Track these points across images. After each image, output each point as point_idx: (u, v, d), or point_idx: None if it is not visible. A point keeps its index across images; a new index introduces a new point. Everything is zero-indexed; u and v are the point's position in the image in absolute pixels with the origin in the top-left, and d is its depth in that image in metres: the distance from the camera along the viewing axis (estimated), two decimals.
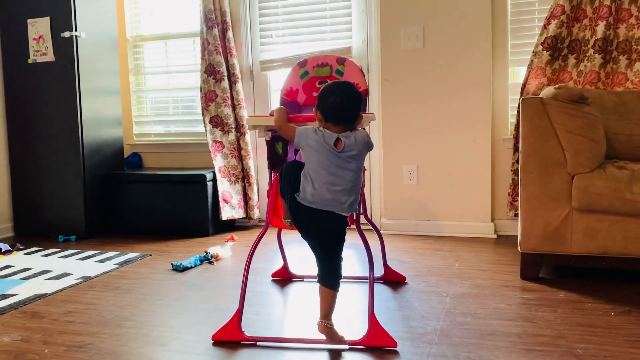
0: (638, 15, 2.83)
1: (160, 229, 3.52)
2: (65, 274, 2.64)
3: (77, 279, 2.56)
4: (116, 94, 3.73)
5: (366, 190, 3.29)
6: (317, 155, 1.69)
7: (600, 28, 2.84)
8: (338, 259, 1.79)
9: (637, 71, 2.83)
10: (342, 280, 1.78)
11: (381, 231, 3.25)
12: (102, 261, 2.87)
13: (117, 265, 2.77)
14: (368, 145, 1.74)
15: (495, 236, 3.18)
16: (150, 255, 2.98)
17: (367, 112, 2.15)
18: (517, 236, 2.68)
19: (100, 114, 3.58)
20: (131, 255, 2.97)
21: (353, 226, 2.01)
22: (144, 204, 3.55)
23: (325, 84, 1.79)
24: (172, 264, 2.70)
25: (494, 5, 3.12)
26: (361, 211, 2.06)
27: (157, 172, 3.63)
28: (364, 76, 2.27)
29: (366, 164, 2.75)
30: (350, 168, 1.70)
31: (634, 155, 2.56)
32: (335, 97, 1.70)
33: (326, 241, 1.78)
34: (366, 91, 2.24)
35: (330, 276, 1.76)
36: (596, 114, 2.29)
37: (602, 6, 2.84)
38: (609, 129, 2.55)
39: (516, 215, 3.09)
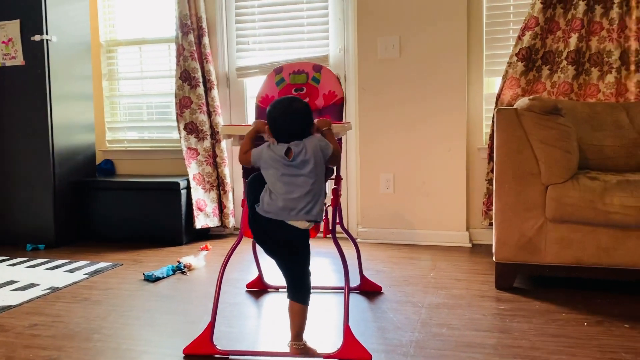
0: (609, 28, 2.88)
1: (132, 238, 3.45)
2: (32, 285, 2.56)
3: (45, 289, 2.48)
4: (88, 99, 3.65)
5: (343, 199, 3.27)
6: (273, 170, 1.69)
7: (573, 40, 2.89)
8: (304, 274, 1.75)
9: (608, 83, 2.88)
10: (318, 290, 1.75)
11: (357, 239, 3.25)
12: (71, 271, 2.79)
13: (87, 275, 2.70)
14: (322, 149, 1.71)
15: (470, 245, 3.19)
16: (122, 264, 2.92)
17: (343, 121, 2.14)
18: (491, 245, 2.69)
19: (71, 120, 3.50)
20: (102, 264, 2.90)
21: (329, 235, 2.00)
22: (116, 212, 3.47)
23: (271, 104, 1.77)
24: (143, 274, 2.64)
25: (469, 16, 3.14)
26: (337, 221, 2.04)
27: (130, 179, 3.56)
28: (341, 84, 2.26)
29: (343, 172, 2.74)
30: (303, 173, 1.68)
31: (606, 165, 2.60)
32: (283, 118, 1.72)
33: (284, 255, 1.75)
34: (342, 99, 2.23)
35: (298, 290, 1.73)
36: (569, 125, 2.31)
37: (575, 19, 2.89)
38: (581, 139, 2.59)
39: (491, 224, 3.11)
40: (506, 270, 2.37)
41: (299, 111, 1.74)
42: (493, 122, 3.03)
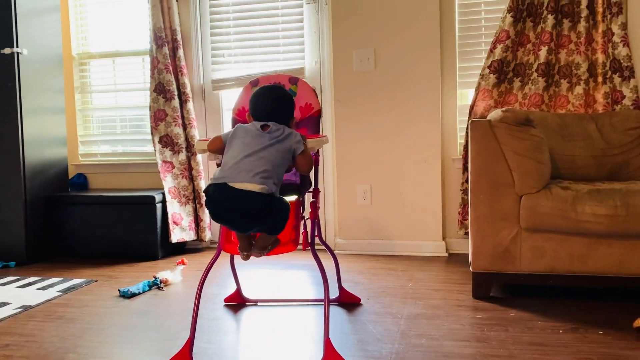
0: (577, 41, 2.96)
1: (107, 254, 3.39)
2: (3, 304, 2.49)
3: (16, 308, 2.42)
4: (61, 112, 3.59)
5: (320, 211, 3.27)
6: (240, 139, 1.75)
7: (543, 53, 2.96)
8: (277, 224, 1.73)
9: (577, 94, 2.96)
10: (297, 303, 1.75)
11: (335, 251, 3.25)
12: (44, 288, 2.72)
13: (60, 293, 2.64)
14: (295, 143, 1.76)
15: (446, 255, 3.22)
16: (96, 281, 2.86)
17: (320, 133, 2.15)
18: (467, 254, 2.73)
19: (43, 134, 3.44)
20: (76, 281, 2.84)
21: (308, 248, 2.00)
22: (89, 227, 3.41)
23: (256, 89, 1.84)
24: (119, 290, 2.60)
25: (442, 29, 3.20)
26: (316, 233, 2.05)
27: (103, 193, 3.50)
28: (317, 97, 2.27)
29: (320, 184, 2.73)
30: (269, 144, 1.72)
31: (577, 175, 2.66)
32: (264, 98, 1.84)
33: (246, 226, 1.72)
34: (319, 112, 2.24)
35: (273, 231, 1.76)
36: (542, 136, 2.37)
37: (544, 32, 2.97)
38: (553, 149, 2.65)
39: (466, 233, 3.15)
40: (483, 279, 2.40)
41: (281, 96, 1.86)
42: (467, 133, 3.08)
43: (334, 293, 2.34)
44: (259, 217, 1.68)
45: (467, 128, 3.02)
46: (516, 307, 2.25)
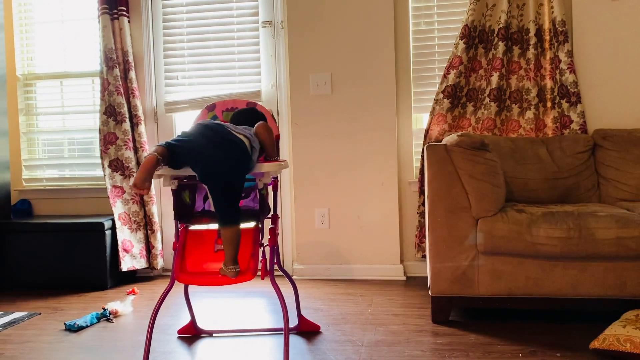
0: (526, 67, 3.06)
1: (52, 284, 3.21)
2: None
3: None
4: (3, 135, 3.41)
5: (278, 236, 3.21)
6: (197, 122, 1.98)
7: (495, 78, 3.04)
8: (236, 195, 1.83)
9: (528, 119, 3.04)
10: (255, 333, 1.71)
11: (293, 277, 3.19)
12: None
13: (0, 328, 2.47)
14: (250, 137, 1.89)
15: (404, 278, 3.21)
16: (40, 313, 2.70)
17: (278, 158, 2.10)
18: (425, 277, 2.73)
19: None
20: (17, 315, 2.67)
21: (267, 277, 1.94)
22: (33, 256, 3.23)
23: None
24: (64, 323, 2.45)
25: (397, 54, 3.24)
26: (275, 261, 1.99)
27: (48, 220, 3.33)
28: (275, 121, 2.23)
29: (277, 209, 2.66)
30: (227, 126, 1.88)
31: (530, 198, 2.72)
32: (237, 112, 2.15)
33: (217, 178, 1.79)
34: (277, 136, 2.20)
35: (229, 212, 1.81)
36: (496, 160, 2.40)
37: (495, 58, 3.05)
38: (506, 173, 2.70)
39: (424, 256, 3.16)
40: (442, 303, 2.39)
41: (252, 110, 2.18)
42: (422, 156, 3.12)
43: (293, 321, 2.27)
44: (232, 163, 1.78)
45: (423, 152, 3.06)
46: (476, 331, 2.25)
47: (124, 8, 3.39)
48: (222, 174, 1.78)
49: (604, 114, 3.01)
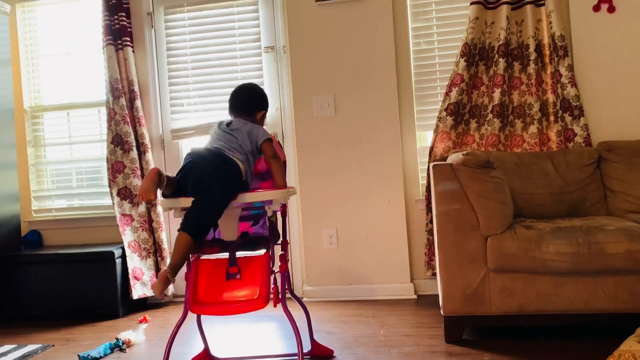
0: (527, 82, 3.08)
1: (64, 314, 3.22)
2: None
3: None
4: (13, 168, 3.46)
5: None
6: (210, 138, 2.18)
7: (497, 94, 3.06)
8: (211, 209, 1.91)
9: (532, 133, 3.06)
10: (269, 358, 1.75)
11: (303, 299, 3.20)
12: None
13: None
14: (257, 135, 2.12)
15: (415, 297, 3.21)
16: (53, 345, 2.71)
17: (287, 185, 2.12)
18: (436, 295, 2.72)
19: None
20: (30, 347, 2.68)
21: (279, 304, 1.95)
22: (45, 287, 3.24)
23: None
24: (78, 355, 2.46)
25: (399, 74, 3.27)
26: (286, 287, 2.00)
27: (59, 250, 3.35)
28: (282, 148, 2.26)
29: (287, 235, 2.68)
30: (233, 134, 2.12)
31: (537, 213, 2.72)
32: (232, 94, 2.33)
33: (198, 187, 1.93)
34: (285, 162, 2.23)
35: (193, 222, 1.89)
36: (502, 177, 2.42)
37: (497, 75, 3.07)
38: (512, 188, 2.70)
39: (434, 274, 3.16)
40: (454, 323, 2.39)
41: (244, 89, 2.33)
42: (428, 174, 3.13)
43: (306, 346, 2.27)
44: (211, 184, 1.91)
45: (428, 169, 3.08)
46: (490, 349, 2.25)
47: (128, 39, 3.44)
48: (206, 183, 1.91)
49: (607, 126, 3.03)
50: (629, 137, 2.98)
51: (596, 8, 3.05)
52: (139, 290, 3.27)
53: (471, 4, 3.08)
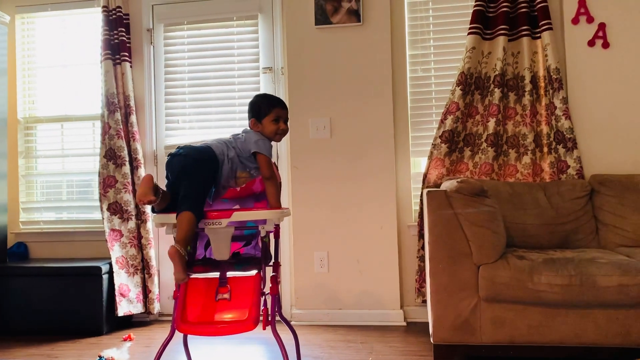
0: (522, 113, 3.11)
1: (48, 330, 3.15)
2: None
3: None
4: (2, 178, 3.42)
5: None
6: None
7: (491, 124, 3.08)
8: (192, 186, 1.98)
9: (525, 164, 3.07)
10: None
11: (292, 322, 3.15)
12: None
13: None
14: (248, 139, 2.20)
15: (405, 324, 3.17)
16: None
17: (281, 206, 2.11)
18: (426, 323, 2.69)
19: None
20: None
21: (268, 327, 1.92)
22: (28, 300, 3.18)
23: None
24: None
25: (395, 100, 3.29)
26: (276, 309, 1.98)
27: (45, 264, 3.30)
28: (277, 169, 2.25)
29: (278, 256, 2.65)
30: (233, 138, 2.24)
31: (530, 243, 2.72)
32: None
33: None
34: (280, 183, 2.22)
35: (185, 200, 1.93)
36: (495, 206, 2.42)
37: (492, 104, 3.10)
38: (505, 218, 2.71)
39: (424, 301, 3.13)
40: (444, 351, 2.36)
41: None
42: (421, 200, 3.13)
43: None
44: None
45: (422, 196, 3.08)
46: None
47: (127, 54, 3.45)
48: (179, 167, 2.03)
49: (600, 159, 3.05)
50: (621, 171, 3.00)
51: (591, 43, 3.10)
52: (125, 307, 3.21)
53: (468, 34, 3.13)
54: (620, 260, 2.28)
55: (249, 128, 2.27)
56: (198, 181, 1.97)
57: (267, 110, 2.25)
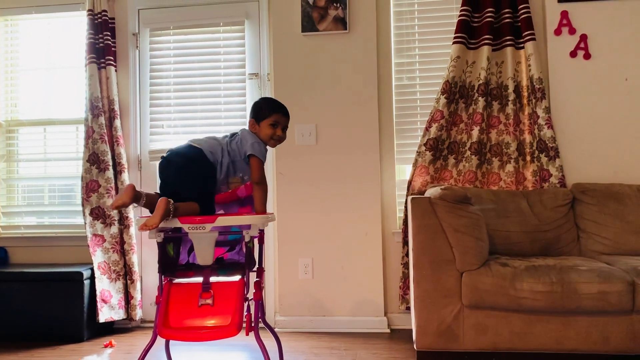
0: (506, 122, 3.15)
1: (26, 336, 3.10)
2: None
3: None
4: None
5: None
6: None
7: (475, 132, 3.11)
8: (193, 183, 2.10)
9: (508, 172, 3.10)
10: None
11: (276, 329, 3.13)
12: None
13: None
14: (244, 139, 2.26)
15: (388, 331, 3.17)
16: None
17: (266, 211, 2.10)
18: (409, 330, 2.70)
19: None
20: None
21: (251, 333, 1.91)
22: (7, 305, 3.12)
23: None
24: None
25: (380, 107, 3.31)
26: (260, 315, 1.97)
27: (25, 269, 3.25)
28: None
29: (263, 262, 2.64)
30: (230, 138, 2.31)
31: (512, 250, 2.74)
32: None
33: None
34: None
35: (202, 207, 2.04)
36: (479, 214, 2.44)
37: (476, 113, 3.13)
38: (488, 225, 2.73)
39: (408, 308, 3.14)
40: (427, 358, 2.37)
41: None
42: (406, 207, 3.14)
43: None
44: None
45: (406, 203, 3.09)
46: None
47: (112, 58, 3.43)
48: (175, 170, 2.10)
49: (581, 168, 3.10)
50: (602, 180, 3.04)
51: (573, 54, 3.15)
52: (106, 313, 3.17)
53: (453, 43, 3.16)
54: (601, 267, 2.31)
55: (247, 128, 2.30)
56: (203, 183, 2.11)
57: (266, 114, 2.27)
